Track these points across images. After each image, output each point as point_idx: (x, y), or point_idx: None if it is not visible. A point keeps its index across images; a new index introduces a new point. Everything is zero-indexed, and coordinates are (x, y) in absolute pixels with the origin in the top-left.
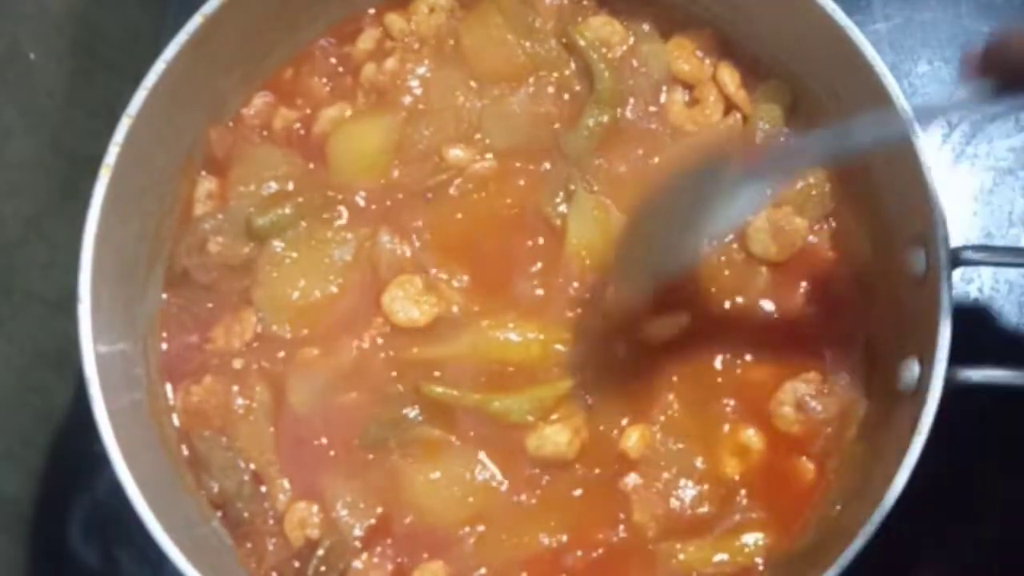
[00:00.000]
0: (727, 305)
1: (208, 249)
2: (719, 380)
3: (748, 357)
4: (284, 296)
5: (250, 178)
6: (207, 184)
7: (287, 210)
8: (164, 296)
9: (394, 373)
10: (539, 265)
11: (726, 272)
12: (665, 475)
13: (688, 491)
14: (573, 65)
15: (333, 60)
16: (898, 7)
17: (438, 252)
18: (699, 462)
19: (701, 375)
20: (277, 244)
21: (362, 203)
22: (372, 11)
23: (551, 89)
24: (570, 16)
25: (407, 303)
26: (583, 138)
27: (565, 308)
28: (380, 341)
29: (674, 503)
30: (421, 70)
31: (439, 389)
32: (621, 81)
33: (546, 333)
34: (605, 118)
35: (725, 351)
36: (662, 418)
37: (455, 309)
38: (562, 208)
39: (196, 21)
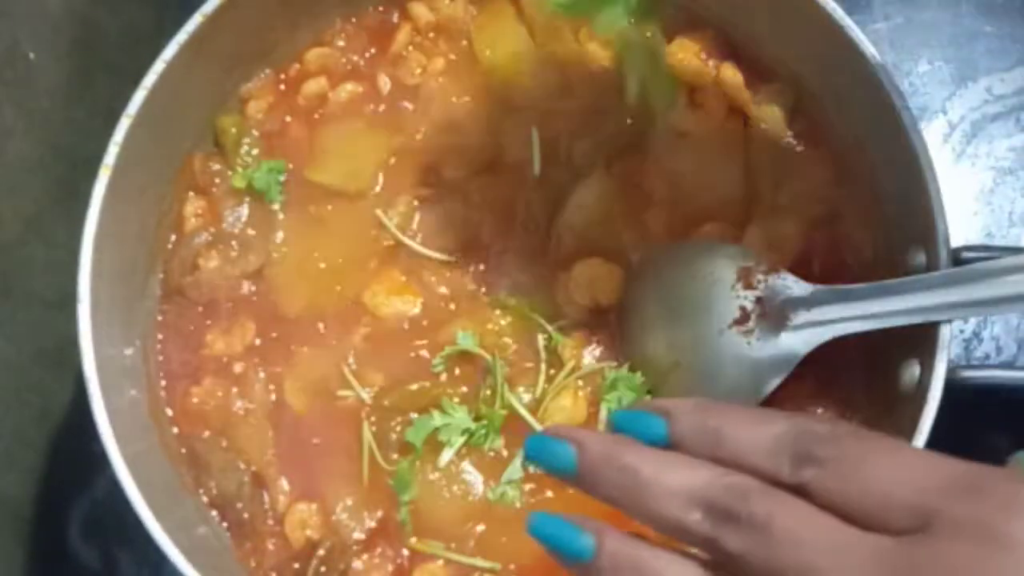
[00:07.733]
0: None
1: (200, 265)
2: None
3: None
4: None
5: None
6: (197, 202)
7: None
8: (160, 300)
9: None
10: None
11: None
12: None
13: None
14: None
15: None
16: (898, 7)
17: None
18: None
19: None
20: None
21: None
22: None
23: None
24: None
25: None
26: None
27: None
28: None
29: None
30: (439, 63)
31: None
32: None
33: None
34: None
35: None
36: None
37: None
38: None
39: (196, 20)
